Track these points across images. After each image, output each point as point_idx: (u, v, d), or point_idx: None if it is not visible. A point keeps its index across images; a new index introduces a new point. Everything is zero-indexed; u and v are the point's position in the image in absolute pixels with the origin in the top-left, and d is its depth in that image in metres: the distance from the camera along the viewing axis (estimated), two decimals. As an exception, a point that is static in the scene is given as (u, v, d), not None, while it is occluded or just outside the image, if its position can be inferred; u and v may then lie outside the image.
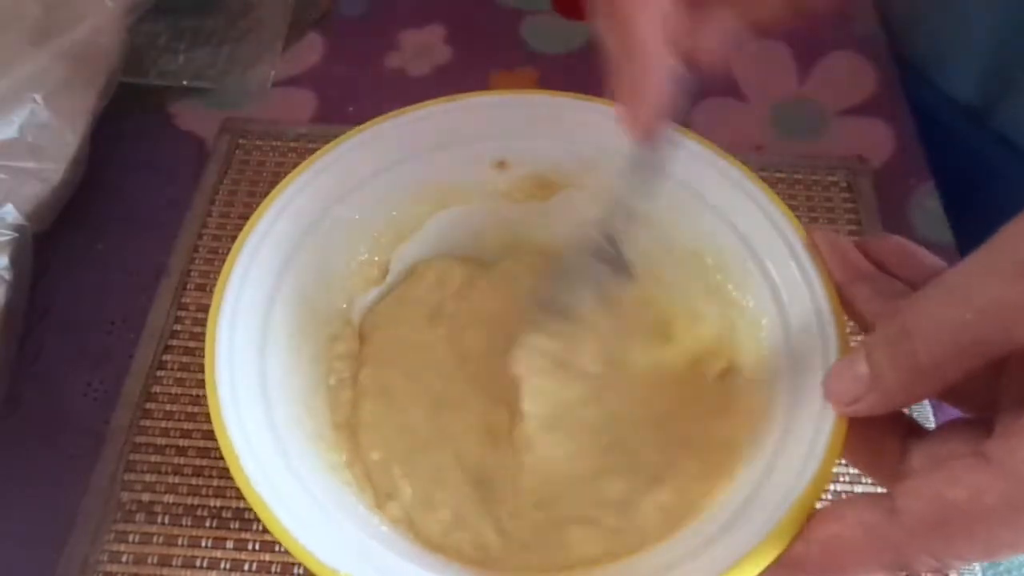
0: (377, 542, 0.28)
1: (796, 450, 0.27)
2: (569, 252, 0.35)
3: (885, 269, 0.29)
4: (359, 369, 0.35)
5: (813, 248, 0.31)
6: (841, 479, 0.37)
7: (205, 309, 0.41)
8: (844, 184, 0.46)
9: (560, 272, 0.35)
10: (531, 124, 0.36)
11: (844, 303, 0.29)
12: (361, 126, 0.36)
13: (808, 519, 0.25)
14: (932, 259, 0.29)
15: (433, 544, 0.31)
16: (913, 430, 0.26)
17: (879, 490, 0.24)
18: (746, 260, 0.33)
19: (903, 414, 0.27)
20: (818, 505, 0.25)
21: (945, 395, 0.26)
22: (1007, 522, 0.20)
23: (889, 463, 0.26)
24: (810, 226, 0.32)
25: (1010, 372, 0.23)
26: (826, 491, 0.36)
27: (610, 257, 0.33)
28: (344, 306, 0.36)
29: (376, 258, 0.37)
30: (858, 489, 0.36)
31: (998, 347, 0.22)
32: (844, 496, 0.36)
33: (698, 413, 0.34)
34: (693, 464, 0.32)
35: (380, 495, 0.32)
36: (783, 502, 0.26)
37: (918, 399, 0.25)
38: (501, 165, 0.37)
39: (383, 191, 0.36)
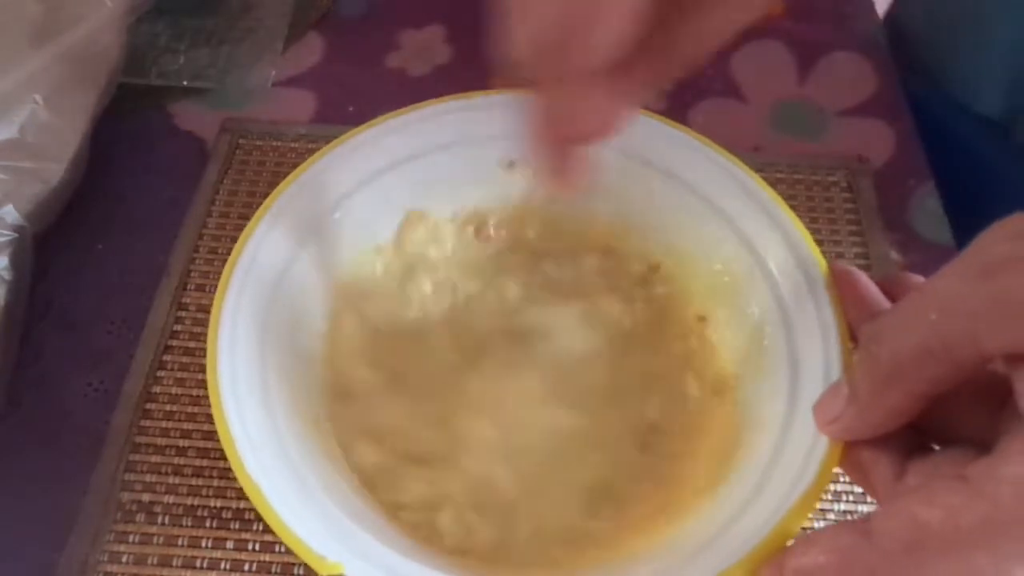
0: (370, 534, 0.28)
1: (787, 471, 0.27)
2: None
3: None
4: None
5: (829, 275, 0.31)
6: (845, 498, 0.36)
7: (205, 309, 0.41)
8: (844, 184, 0.46)
9: None
10: None
11: (853, 341, 0.29)
12: (368, 123, 0.36)
13: (786, 545, 0.24)
14: None
15: (432, 538, 0.31)
16: (918, 447, 0.25)
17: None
18: (753, 269, 0.33)
19: (904, 430, 0.25)
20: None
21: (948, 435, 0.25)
22: (982, 545, 0.20)
23: (884, 479, 0.25)
24: (831, 260, 0.32)
25: (1007, 409, 0.23)
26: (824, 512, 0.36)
27: None
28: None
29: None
30: (863, 508, 0.36)
31: (966, 354, 0.21)
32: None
33: (689, 422, 0.34)
34: (670, 480, 0.32)
35: (379, 488, 0.32)
36: (766, 525, 0.26)
37: (891, 412, 0.24)
38: (511, 165, 0.37)
39: (389, 190, 0.36)
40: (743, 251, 0.34)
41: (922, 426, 0.24)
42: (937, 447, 0.25)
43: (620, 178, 0.36)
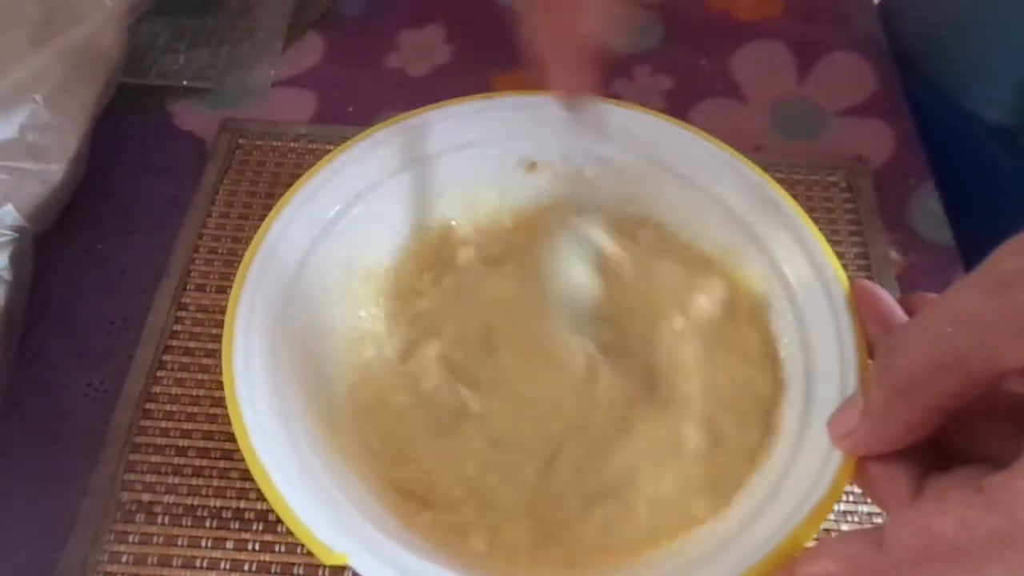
0: (378, 528, 0.28)
1: (799, 483, 0.27)
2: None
3: None
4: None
5: (849, 290, 0.31)
6: (845, 498, 0.36)
7: (205, 309, 0.41)
8: (844, 184, 0.46)
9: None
10: (561, 126, 0.36)
11: (871, 355, 0.29)
12: (384, 122, 0.36)
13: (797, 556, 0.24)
14: None
15: (436, 533, 0.31)
16: (936, 464, 0.24)
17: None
18: (771, 279, 0.33)
19: (923, 446, 0.25)
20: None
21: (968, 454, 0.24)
22: (995, 558, 0.19)
23: (899, 495, 0.24)
24: (852, 276, 0.31)
25: None
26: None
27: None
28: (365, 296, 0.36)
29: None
30: (863, 508, 0.36)
31: (981, 367, 0.21)
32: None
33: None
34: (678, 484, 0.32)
35: (387, 480, 0.32)
36: (776, 535, 0.26)
37: (906, 427, 0.24)
38: (531, 167, 0.37)
39: (405, 188, 0.36)
40: (762, 261, 0.34)
41: (942, 445, 0.24)
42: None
43: (639, 183, 0.36)
